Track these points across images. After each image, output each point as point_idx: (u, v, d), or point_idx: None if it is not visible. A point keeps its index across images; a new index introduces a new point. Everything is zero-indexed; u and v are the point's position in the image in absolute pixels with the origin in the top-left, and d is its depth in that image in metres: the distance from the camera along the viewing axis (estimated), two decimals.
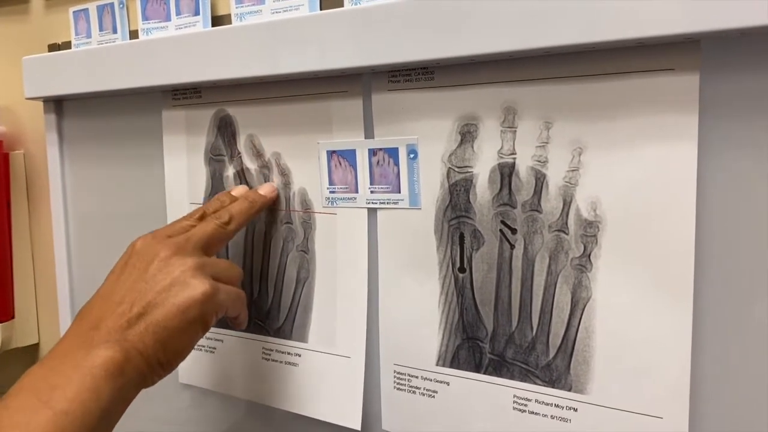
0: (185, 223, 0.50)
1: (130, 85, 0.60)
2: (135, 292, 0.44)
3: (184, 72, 0.56)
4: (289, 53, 0.50)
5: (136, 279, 0.45)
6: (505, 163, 0.46)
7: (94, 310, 0.44)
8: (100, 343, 0.41)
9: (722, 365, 0.40)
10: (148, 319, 0.43)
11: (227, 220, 0.50)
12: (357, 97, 0.51)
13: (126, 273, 0.46)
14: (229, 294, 0.47)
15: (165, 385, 0.66)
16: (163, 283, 0.44)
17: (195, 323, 0.44)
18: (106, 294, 0.45)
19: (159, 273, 0.45)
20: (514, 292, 0.46)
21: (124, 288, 0.45)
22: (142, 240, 0.48)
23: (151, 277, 0.44)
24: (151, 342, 0.42)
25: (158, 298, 0.43)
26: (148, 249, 0.47)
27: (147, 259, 0.46)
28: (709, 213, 0.40)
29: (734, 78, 0.38)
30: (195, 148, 0.61)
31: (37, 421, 0.37)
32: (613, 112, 0.42)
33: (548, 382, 0.45)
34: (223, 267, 0.49)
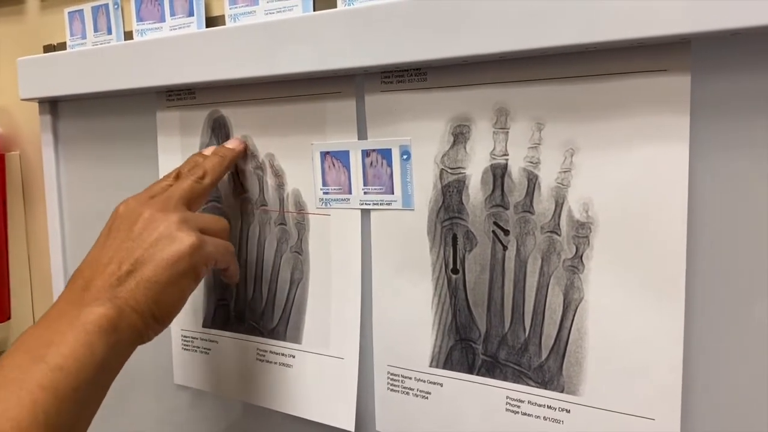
0: (163, 183, 0.51)
1: (125, 86, 0.60)
2: (122, 251, 0.44)
3: (179, 73, 0.56)
4: (283, 54, 0.50)
5: (122, 239, 0.45)
6: (498, 164, 0.46)
7: (84, 273, 0.45)
8: (92, 301, 0.41)
9: (714, 366, 0.40)
10: (138, 275, 0.43)
11: (202, 175, 0.51)
12: (350, 98, 0.51)
13: (111, 236, 0.46)
14: (216, 246, 0.47)
15: (159, 386, 0.67)
16: (149, 240, 0.44)
17: (185, 276, 0.44)
18: (94, 258, 0.45)
19: (145, 231, 0.45)
20: (507, 293, 0.46)
21: (112, 249, 0.45)
22: (124, 204, 0.48)
23: (138, 236, 0.45)
24: (142, 298, 0.43)
25: (146, 254, 0.44)
26: (131, 211, 0.47)
27: (131, 220, 0.46)
28: (700, 213, 0.40)
29: (725, 78, 0.38)
30: (189, 148, 0.61)
31: (32, 377, 0.37)
32: (605, 113, 0.41)
33: (541, 383, 0.45)
34: (209, 220, 0.49)
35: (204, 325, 0.62)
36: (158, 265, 0.43)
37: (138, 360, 0.68)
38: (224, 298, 0.61)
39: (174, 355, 0.65)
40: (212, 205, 0.60)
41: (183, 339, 0.64)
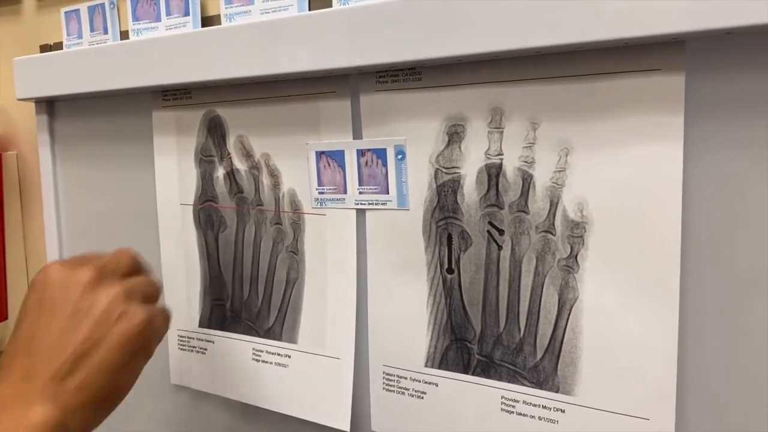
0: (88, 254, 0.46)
1: (121, 85, 0.60)
2: (65, 333, 0.39)
3: (174, 72, 0.56)
4: (279, 54, 0.50)
5: (62, 316, 0.40)
6: (492, 163, 0.46)
7: (21, 359, 0.39)
8: (36, 398, 0.37)
9: (709, 366, 0.40)
10: (88, 362, 0.39)
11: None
12: (345, 97, 0.51)
13: (47, 309, 0.41)
14: (163, 316, 0.45)
15: (156, 386, 0.67)
16: (94, 317, 0.40)
17: (138, 355, 0.41)
18: (27, 337, 0.40)
19: (88, 305, 0.40)
20: (502, 293, 0.46)
21: (53, 330, 0.40)
22: (54, 270, 0.43)
23: (80, 311, 0.40)
24: (93, 386, 0.39)
25: (94, 335, 0.40)
26: (65, 278, 0.42)
27: (68, 290, 0.41)
28: (695, 213, 0.40)
29: (720, 78, 0.38)
30: (185, 148, 0.61)
31: None
32: (600, 112, 0.41)
33: (536, 383, 0.45)
34: (145, 284, 0.45)
35: (200, 324, 0.62)
36: (111, 347, 0.39)
37: None
38: (220, 298, 0.61)
39: (170, 355, 0.65)
40: (208, 205, 0.60)
41: (179, 339, 0.64)
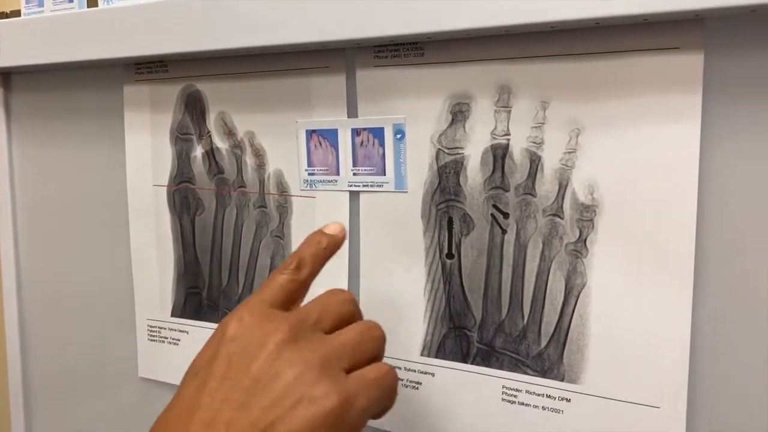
0: (283, 278, 0.38)
1: (88, 56, 0.55)
2: (231, 409, 0.31)
3: (149, 43, 0.52)
4: (266, 24, 0.47)
5: (232, 386, 0.32)
6: (499, 144, 0.44)
7: (176, 422, 0.32)
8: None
9: (722, 353, 0.39)
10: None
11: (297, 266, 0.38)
12: (340, 73, 0.48)
13: (214, 375, 0.33)
14: (373, 393, 0.33)
15: (123, 378, 0.63)
16: (271, 396, 0.31)
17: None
18: (187, 405, 0.33)
19: (267, 377, 0.32)
20: (505, 278, 0.45)
21: (216, 399, 0.32)
22: (235, 321, 0.35)
23: (256, 384, 0.32)
24: None
25: (268, 417, 0.31)
26: (247, 335, 0.34)
27: (247, 352, 0.33)
28: (711, 197, 0.39)
29: (740, 57, 0.37)
30: (160, 126, 0.57)
31: None
32: (613, 92, 0.40)
33: (540, 371, 0.44)
34: (357, 342, 0.35)
35: (173, 314, 0.59)
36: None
37: (99, 352, 0.64)
38: (196, 285, 0.57)
39: (139, 346, 0.61)
40: (184, 186, 0.56)
41: (149, 329, 0.60)
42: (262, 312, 0.35)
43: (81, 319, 0.65)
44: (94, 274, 0.63)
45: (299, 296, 0.38)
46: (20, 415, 0.69)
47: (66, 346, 0.66)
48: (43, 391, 0.69)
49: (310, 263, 0.38)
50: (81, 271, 0.64)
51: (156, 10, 0.51)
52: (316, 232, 0.41)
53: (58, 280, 0.66)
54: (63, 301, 0.66)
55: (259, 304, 0.36)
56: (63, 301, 0.66)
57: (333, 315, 0.36)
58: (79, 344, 0.66)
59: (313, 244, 0.40)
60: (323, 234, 0.40)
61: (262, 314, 0.35)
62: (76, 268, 0.64)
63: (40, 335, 0.68)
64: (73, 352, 0.66)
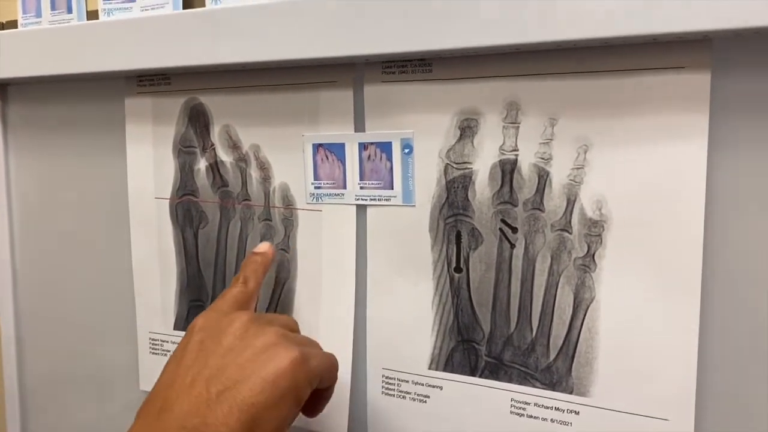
0: (236, 290, 0.45)
1: (88, 69, 0.55)
2: (209, 369, 0.38)
3: (152, 56, 0.52)
4: (273, 39, 0.47)
5: (207, 354, 0.39)
6: (507, 159, 0.44)
7: (162, 393, 0.38)
8: (177, 429, 0.35)
9: (730, 366, 0.40)
10: (231, 396, 0.36)
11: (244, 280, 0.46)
12: (347, 87, 0.48)
13: (191, 352, 0.39)
14: (322, 360, 0.41)
15: (124, 392, 0.62)
16: (244, 355, 0.38)
17: (286, 397, 0.37)
18: (171, 376, 0.39)
19: (236, 344, 0.39)
20: (514, 292, 0.45)
21: (195, 367, 0.38)
22: (202, 317, 0.42)
23: (228, 350, 0.39)
24: (236, 425, 0.35)
25: (240, 372, 0.37)
26: (214, 323, 0.41)
27: (217, 332, 0.40)
28: (718, 213, 0.39)
29: (747, 77, 0.38)
30: (162, 138, 0.56)
31: None
32: (622, 109, 0.41)
33: (548, 384, 0.44)
34: (304, 338, 0.44)
35: (176, 327, 0.58)
36: (255, 384, 0.36)
37: (100, 365, 0.64)
38: (199, 298, 0.57)
39: (140, 359, 0.61)
40: (187, 199, 0.56)
41: (151, 342, 0.60)
42: (223, 310, 0.43)
43: (81, 332, 0.64)
44: (94, 288, 0.63)
45: (250, 305, 0.46)
46: (17, 428, 0.68)
47: (65, 359, 0.66)
48: (41, 405, 0.68)
49: (253, 278, 0.46)
50: (81, 284, 0.64)
51: (160, 23, 0.51)
52: (251, 254, 0.49)
53: (57, 293, 0.65)
54: (62, 314, 0.65)
55: (220, 306, 0.43)
56: (62, 315, 0.65)
57: (282, 320, 0.44)
58: (78, 357, 0.65)
59: (252, 263, 0.47)
60: (257, 254, 0.48)
61: (223, 310, 0.43)
62: (75, 281, 0.64)
63: (39, 349, 0.67)
64: (72, 365, 0.65)
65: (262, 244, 0.49)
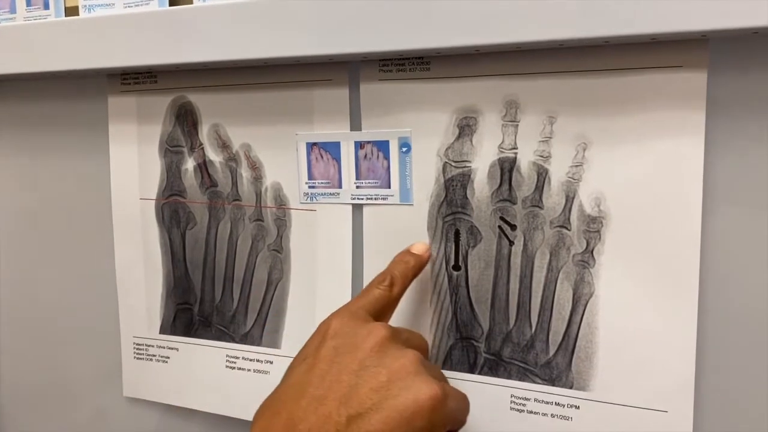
0: (378, 292, 0.41)
1: (65, 67, 0.53)
2: (340, 386, 0.34)
3: (137, 54, 0.50)
4: (265, 36, 0.46)
5: (341, 369, 0.35)
6: (506, 157, 0.45)
7: (287, 404, 0.35)
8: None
9: (726, 358, 0.41)
10: (362, 426, 0.33)
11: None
12: (343, 86, 0.48)
13: (324, 360, 0.36)
14: (459, 402, 0.37)
15: (106, 398, 0.60)
16: (378, 379, 0.34)
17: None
18: (296, 383, 0.36)
19: (372, 362, 0.35)
20: (513, 289, 0.45)
21: (326, 379, 0.35)
22: (337, 319, 0.39)
23: (362, 368, 0.35)
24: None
25: (374, 397, 0.34)
26: (350, 330, 0.38)
27: (352, 344, 0.36)
28: (714, 208, 0.40)
29: (743, 77, 0.39)
30: (148, 138, 0.55)
31: None
32: (620, 107, 0.41)
33: (548, 380, 0.45)
34: (440, 372, 0.41)
35: (162, 331, 0.57)
36: (390, 418, 0.33)
37: (81, 371, 0.62)
38: (187, 301, 0.56)
39: (124, 364, 0.59)
40: (174, 200, 0.55)
41: (135, 347, 0.58)
42: (361, 316, 0.39)
43: (61, 337, 0.62)
44: (75, 291, 0.61)
45: (390, 311, 0.42)
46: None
47: (44, 365, 0.64)
48: (20, 413, 0.66)
49: (400, 282, 0.42)
50: (61, 287, 0.62)
51: (145, 20, 0.50)
52: (403, 252, 0.45)
53: (37, 297, 0.63)
54: (42, 318, 0.63)
55: (357, 309, 0.40)
56: (42, 319, 0.63)
57: (416, 341, 0.41)
58: (59, 363, 0.63)
59: (402, 264, 0.44)
60: (410, 254, 0.45)
61: (361, 317, 0.39)
62: (56, 284, 0.62)
63: (16, 354, 0.65)
64: (52, 372, 0.63)
65: (418, 244, 0.45)
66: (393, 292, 0.42)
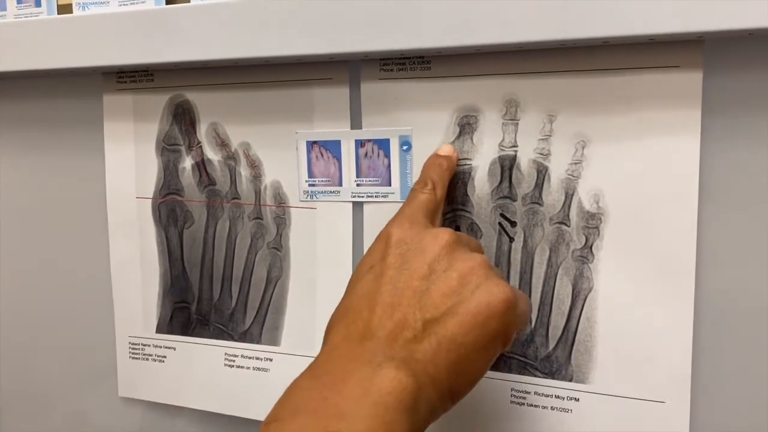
0: (424, 196, 0.41)
1: (58, 65, 0.52)
2: (412, 293, 0.34)
3: (133, 52, 0.50)
4: (265, 35, 0.46)
5: (411, 275, 0.35)
6: (506, 155, 0.45)
7: (361, 312, 0.34)
8: (384, 361, 0.32)
9: (722, 349, 0.42)
10: (438, 331, 0.33)
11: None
12: (343, 85, 0.48)
13: (392, 267, 0.35)
14: (527, 304, 0.37)
15: (100, 399, 0.60)
16: (450, 283, 0.34)
17: (495, 340, 0.34)
18: (367, 293, 0.35)
19: (441, 265, 0.35)
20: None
21: (397, 287, 0.34)
22: (397, 227, 0.38)
23: (431, 272, 0.35)
24: (443, 364, 0.33)
25: (447, 302, 0.33)
26: (415, 235, 0.37)
27: (420, 248, 0.36)
28: (711, 205, 0.42)
29: (739, 77, 0.41)
30: (144, 136, 0.55)
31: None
32: (618, 106, 0.42)
33: (548, 373, 0.46)
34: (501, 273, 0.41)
35: (158, 330, 0.57)
36: (464, 321, 0.33)
37: (76, 370, 0.61)
38: (184, 300, 0.56)
39: (119, 364, 0.59)
40: (171, 198, 0.55)
41: (131, 346, 0.58)
42: (420, 221, 0.38)
43: (56, 336, 0.62)
44: (70, 290, 0.60)
45: (438, 213, 0.42)
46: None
47: (39, 364, 0.63)
48: (14, 413, 0.65)
49: (441, 185, 0.43)
50: (56, 286, 0.61)
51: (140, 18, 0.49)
52: (433, 156, 0.45)
53: (31, 296, 0.62)
54: (36, 317, 0.62)
55: (413, 214, 0.39)
56: (36, 318, 0.62)
57: (476, 242, 0.41)
58: (53, 362, 0.62)
59: (436, 167, 0.44)
60: (441, 156, 0.45)
61: (421, 222, 0.38)
62: (50, 283, 0.61)
63: (9, 354, 0.64)
64: (46, 371, 0.63)
65: (444, 146, 0.45)
66: (437, 195, 0.42)
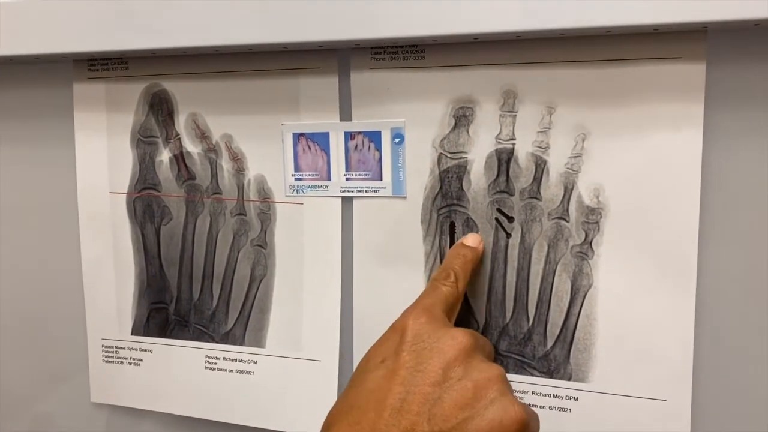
0: (446, 289, 0.40)
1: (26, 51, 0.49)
2: (424, 400, 0.33)
3: (104, 39, 0.47)
4: (249, 21, 0.44)
5: (424, 379, 0.33)
6: (504, 148, 0.44)
7: (367, 414, 0.33)
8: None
9: (723, 347, 0.42)
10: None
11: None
12: (332, 74, 0.46)
13: (405, 367, 0.34)
14: (536, 423, 0.35)
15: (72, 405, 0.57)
16: (465, 394, 0.33)
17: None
18: (377, 389, 0.34)
19: (456, 373, 0.34)
20: (509, 282, 0.45)
21: (409, 390, 0.33)
22: (414, 319, 0.36)
23: (445, 378, 0.33)
24: None
25: (459, 415, 0.32)
26: (432, 331, 0.36)
27: (435, 348, 0.35)
28: (713, 200, 0.41)
29: (742, 68, 0.40)
30: (118, 128, 0.52)
31: None
32: (619, 98, 0.41)
33: (546, 372, 0.44)
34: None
35: (134, 332, 0.54)
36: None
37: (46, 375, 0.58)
38: (162, 300, 0.53)
39: (91, 369, 0.56)
40: (147, 193, 0.52)
41: (104, 349, 0.55)
42: (439, 317, 0.37)
43: (24, 339, 0.58)
44: (38, 291, 0.57)
45: (457, 308, 0.41)
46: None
47: (6, 368, 0.59)
48: None
49: (463, 277, 0.41)
50: (24, 287, 0.58)
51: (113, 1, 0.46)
52: (458, 246, 0.44)
53: None
54: (4, 316, 0.59)
55: (432, 308, 0.38)
56: (4, 317, 0.59)
57: (489, 346, 0.40)
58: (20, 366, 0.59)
59: (460, 257, 0.42)
60: (465, 247, 0.43)
61: (439, 318, 0.37)
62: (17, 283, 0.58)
63: None
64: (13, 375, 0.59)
65: (470, 236, 0.44)
66: (459, 289, 0.40)
